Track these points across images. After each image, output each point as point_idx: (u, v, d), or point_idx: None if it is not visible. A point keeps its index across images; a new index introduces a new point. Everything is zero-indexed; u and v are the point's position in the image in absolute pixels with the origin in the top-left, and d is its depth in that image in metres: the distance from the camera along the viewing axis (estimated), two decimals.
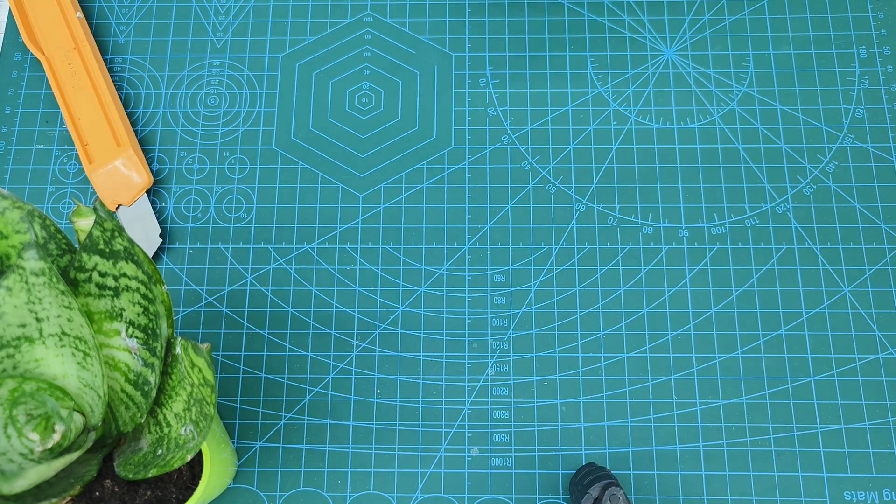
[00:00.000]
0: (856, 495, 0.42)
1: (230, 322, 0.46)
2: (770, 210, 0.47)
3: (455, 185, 0.48)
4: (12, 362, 0.29)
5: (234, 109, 0.50)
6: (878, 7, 0.51)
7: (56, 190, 0.49)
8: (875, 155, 0.48)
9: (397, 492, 0.42)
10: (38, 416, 0.29)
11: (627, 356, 0.44)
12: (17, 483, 0.28)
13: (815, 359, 0.44)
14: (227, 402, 0.44)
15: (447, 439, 0.43)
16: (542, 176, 0.48)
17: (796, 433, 0.43)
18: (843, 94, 0.49)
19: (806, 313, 0.45)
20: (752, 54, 0.50)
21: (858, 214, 0.47)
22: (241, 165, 0.49)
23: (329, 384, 0.44)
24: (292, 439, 0.44)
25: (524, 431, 0.43)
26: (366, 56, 0.51)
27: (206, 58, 0.51)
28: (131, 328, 0.31)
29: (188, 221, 0.48)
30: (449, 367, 0.45)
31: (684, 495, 0.42)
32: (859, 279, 0.45)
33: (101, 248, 0.30)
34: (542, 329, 0.45)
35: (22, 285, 0.27)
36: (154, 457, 0.31)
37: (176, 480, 0.36)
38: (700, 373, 0.44)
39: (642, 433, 0.43)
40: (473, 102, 0.50)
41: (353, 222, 0.47)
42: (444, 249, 0.47)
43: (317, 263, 0.47)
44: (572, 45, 0.51)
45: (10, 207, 0.30)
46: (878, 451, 0.42)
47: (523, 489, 0.42)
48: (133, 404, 0.32)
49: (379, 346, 0.45)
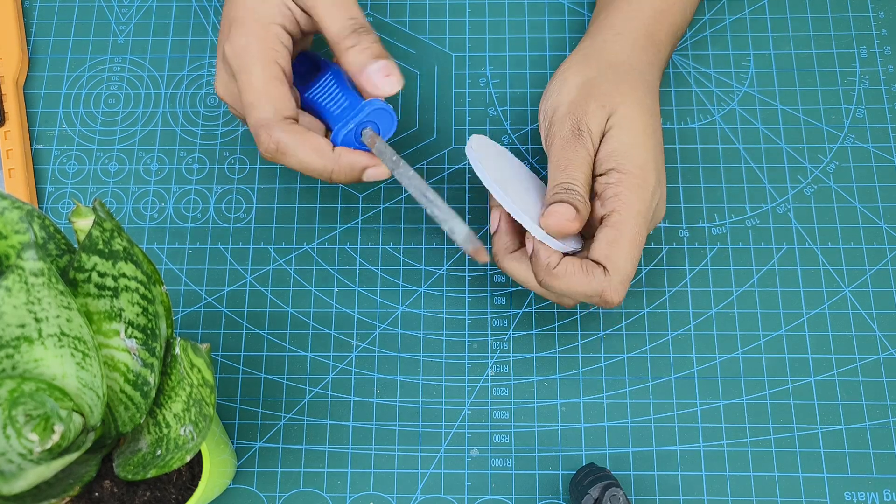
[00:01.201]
0: (856, 496, 0.42)
1: (230, 322, 0.46)
2: (770, 210, 0.47)
3: (455, 185, 0.48)
4: (11, 362, 0.29)
5: None
6: (879, 7, 0.51)
7: (56, 190, 0.49)
8: (875, 155, 0.48)
9: (397, 492, 0.42)
10: (37, 416, 0.29)
11: (627, 356, 0.44)
12: (17, 483, 0.28)
13: (815, 359, 0.44)
14: (227, 402, 0.44)
15: (447, 440, 0.43)
16: (541, 176, 0.48)
17: (797, 433, 0.43)
18: (843, 93, 0.49)
19: (806, 313, 0.45)
20: (753, 54, 0.50)
21: (859, 214, 0.47)
22: (240, 165, 0.49)
23: (329, 384, 0.44)
24: (292, 440, 0.43)
25: (524, 432, 0.43)
26: None
27: (205, 58, 0.51)
28: (130, 328, 0.31)
29: (188, 221, 0.48)
30: (449, 367, 0.44)
31: (684, 496, 0.42)
32: (860, 279, 0.45)
33: (101, 249, 0.30)
34: (542, 329, 0.45)
35: (21, 285, 0.27)
36: (153, 457, 0.31)
37: (175, 481, 0.36)
38: (700, 373, 0.44)
39: (642, 434, 0.43)
40: (473, 102, 0.50)
41: (353, 222, 0.47)
42: (444, 249, 0.47)
43: (317, 263, 0.47)
44: (572, 44, 0.51)
45: (10, 207, 0.30)
46: (879, 451, 0.42)
47: (523, 490, 0.42)
48: (132, 405, 0.32)
49: (379, 347, 0.45)
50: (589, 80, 0.40)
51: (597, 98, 0.39)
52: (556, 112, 0.40)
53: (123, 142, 0.49)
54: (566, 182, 0.37)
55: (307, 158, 0.38)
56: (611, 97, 0.39)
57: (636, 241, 0.37)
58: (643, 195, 0.37)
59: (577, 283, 0.37)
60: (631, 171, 0.37)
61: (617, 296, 0.37)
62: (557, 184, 0.37)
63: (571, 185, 0.37)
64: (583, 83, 0.40)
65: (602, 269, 0.37)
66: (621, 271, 0.37)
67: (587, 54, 0.42)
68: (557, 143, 0.39)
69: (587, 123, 0.38)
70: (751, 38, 0.51)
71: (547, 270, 0.37)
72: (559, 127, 0.39)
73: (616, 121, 0.39)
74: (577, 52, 0.43)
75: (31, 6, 0.53)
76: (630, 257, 0.37)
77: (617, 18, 0.43)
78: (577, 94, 0.40)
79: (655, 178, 0.38)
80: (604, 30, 0.43)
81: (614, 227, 0.37)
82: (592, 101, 0.39)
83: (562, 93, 0.40)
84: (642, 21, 0.43)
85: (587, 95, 0.39)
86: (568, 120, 0.39)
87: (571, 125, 0.39)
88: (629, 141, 0.38)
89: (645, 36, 0.43)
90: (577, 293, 0.37)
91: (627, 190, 0.37)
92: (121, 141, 0.49)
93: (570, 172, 0.37)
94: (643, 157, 0.38)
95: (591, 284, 0.36)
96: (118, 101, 0.50)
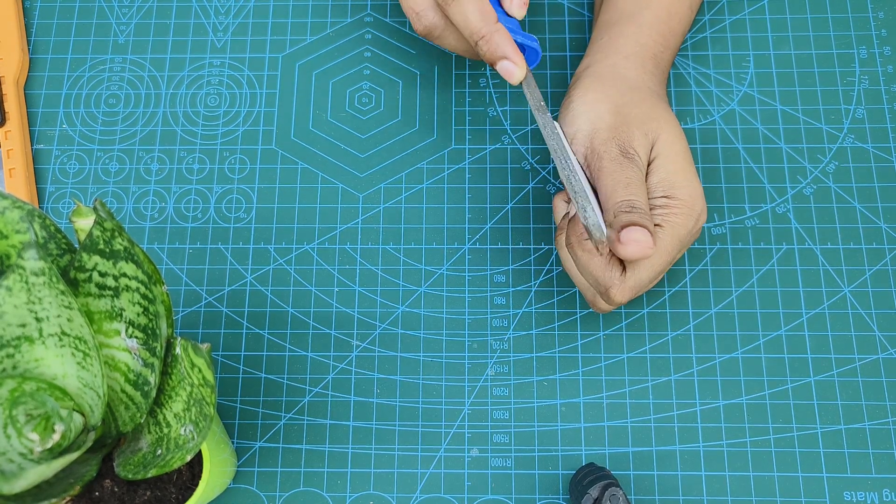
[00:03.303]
0: (855, 496, 0.42)
1: (230, 322, 0.46)
2: (770, 210, 0.47)
3: (455, 185, 0.48)
4: (12, 362, 0.29)
5: (234, 109, 0.50)
6: (879, 7, 0.51)
7: (56, 190, 0.49)
8: (875, 155, 0.48)
9: (397, 492, 0.42)
10: (37, 416, 0.29)
11: (627, 356, 0.44)
12: (17, 483, 0.28)
13: (815, 359, 0.44)
14: (227, 402, 0.44)
15: (447, 440, 0.43)
16: (542, 176, 0.48)
17: (796, 433, 0.43)
18: (843, 94, 0.49)
19: (806, 313, 0.45)
20: (753, 54, 0.50)
21: (858, 214, 0.47)
22: (241, 165, 0.49)
23: (329, 384, 0.44)
24: (292, 439, 0.44)
25: (524, 432, 0.43)
26: (366, 56, 0.51)
27: (206, 58, 0.51)
28: (131, 328, 0.31)
29: (188, 221, 0.48)
30: (449, 367, 0.45)
31: (684, 496, 0.42)
32: (859, 279, 0.45)
33: (101, 248, 0.30)
34: (542, 329, 0.45)
35: (22, 285, 0.27)
36: (154, 457, 0.31)
37: (175, 480, 0.36)
38: (700, 373, 0.44)
39: (642, 433, 0.43)
40: (473, 102, 0.50)
41: (353, 222, 0.47)
42: (444, 249, 0.47)
43: (317, 263, 0.47)
44: (572, 44, 0.51)
45: (10, 207, 0.30)
46: (878, 451, 0.42)
47: (523, 489, 0.42)
48: (133, 404, 0.32)
49: (379, 347, 0.45)
50: (619, 104, 0.40)
51: (636, 125, 0.39)
52: (595, 136, 0.39)
53: (124, 142, 0.49)
54: (631, 199, 0.37)
55: (471, 14, 0.40)
56: (649, 124, 0.40)
57: (665, 259, 0.38)
58: (688, 223, 0.38)
59: (595, 265, 0.38)
60: (683, 199, 0.39)
61: (621, 298, 0.38)
62: (623, 200, 0.37)
63: (636, 202, 0.37)
64: (615, 108, 0.40)
65: (621, 270, 0.38)
66: (637, 279, 0.38)
67: (601, 76, 0.42)
68: (609, 162, 0.38)
69: (634, 148, 0.39)
70: (750, 39, 0.51)
71: (579, 240, 0.38)
72: (605, 148, 0.39)
73: (660, 149, 0.39)
74: (588, 74, 0.43)
75: (32, 6, 0.53)
76: (652, 272, 0.38)
77: (623, 43, 0.43)
78: (614, 120, 0.40)
79: (701, 207, 0.39)
80: (611, 54, 0.43)
81: None
82: (633, 127, 0.39)
83: (595, 118, 0.40)
84: (649, 46, 0.43)
85: (625, 122, 0.39)
86: (613, 143, 0.39)
87: (618, 148, 0.39)
88: (675, 169, 0.39)
89: (652, 59, 0.43)
90: (590, 274, 0.38)
91: (676, 216, 0.38)
92: (121, 141, 0.49)
93: (632, 190, 0.37)
94: (692, 186, 0.39)
95: (605, 275, 0.38)
96: (119, 101, 0.50)
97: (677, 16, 0.45)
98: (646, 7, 0.44)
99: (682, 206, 0.38)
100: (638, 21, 0.44)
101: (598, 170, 0.39)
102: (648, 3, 0.44)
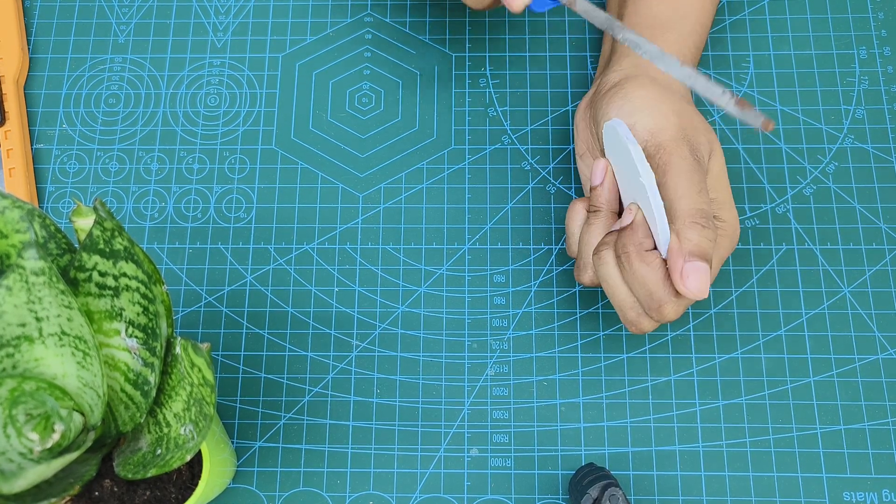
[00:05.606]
0: (855, 496, 0.42)
1: (230, 322, 0.46)
2: (770, 210, 0.47)
3: (455, 185, 0.48)
4: (12, 362, 0.29)
5: (234, 109, 0.50)
6: (879, 8, 0.51)
7: (56, 190, 0.49)
8: (875, 155, 0.48)
9: (397, 492, 0.42)
10: (37, 415, 0.29)
11: (627, 356, 0.44)
12: (17, 483, 0.28)
13: (814, 359, 0.44)
14: (227, 402, 0.44)
15: (447, 439, 0.43)
16: (542, 176, 0.48)
17: (796, 434, 0.43)
18: (843, 94, 0.49)
19: (806, 314, 0.45)
20: (752, 55, 0.50)
21: (858, 215, 0.47)
22: (241, 165, 0.49)
23: (329, 384, 0.44)
24: (292, 439, 0.44)
25: (524, 432, 0.43)
26: (366, 56, 0.51)
27: (206, 58, 0.51)
28: (131, 328, 0.31)
29: (188, 221, 0.48)
30: (448, 367, 0.45)
31: (684, 496, 0.42)
32: (859, 280, 0.45)
33: (101, 248, 0.30)
34: (542, 329, 0.45)
35: (22, 285, 0.27)
36: (153, 457, 0.31)
37: (175, 480, 0.36)
38: (699, 373, 0.44)
39: (642, 434, 0.43)
40: (473, 102, 0.50)
41: (353, 222, 0.48)
42: (444, 249, 0.47)
43: (317, 263, 0.47)
44: (572, 44, 0.51)
45: (10, 207, 0.30)
46: (878, 451, 0.42)
47: (523, 489, 0.42)
48: (133, 404, 0.32)
49: (379, 347, 0.45)
50: (678, 110, 0.38)
51: (700, 132, 0.38)
52: (660, 132, 0.37)
53: (124, 141, 0.49)
54: (704, 209, 0.36)
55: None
56: (708, 135, 0.39)
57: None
58: (731, 247, 0.38)
59: (653, 278, 0.36)
60: (729, 221, 0.38)
61: (674, 314, 0.36)
62: (700, 209, 0.36)
63: (708, 212, 0.36)
64: (676, 112, 0.38)
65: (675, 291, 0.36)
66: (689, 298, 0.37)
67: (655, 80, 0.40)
68: (680, 160, 0.36)
69: (701, 154, 0.37)
70: (750, 39, 0.51)
71: (639, 250, 0.36)
72: (676, 146, 0.37)
73: (712, 166, 0.38)
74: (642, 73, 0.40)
75: (32, 6, 0.53)
76: None
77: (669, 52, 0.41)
78: (679, 121, 0.38)
79: (739, 231, 0.39)
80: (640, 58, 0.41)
81: None
82: (700, 134, 0.38)
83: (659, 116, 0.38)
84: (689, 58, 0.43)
85: (691, 126, 0.38)
86: (685, 143, 0.37)
87: (690, 150, 0.37)
88: (723, 188, 0.39)
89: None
90: (644, 287, 0.36)
91: (722, 237, 0.38)
92: (121, 140, 0.49)
93: (704, 198, 0.36)
94: (734, 209, 0.39)
95: (661, 290, 0.36)
96: (118, 101, 0.50)
97: (706, 28, 0.44)
98: (683, 17, 0.43)
99: (727, 229, 0.38)
100: (678, 30, 0.43)
101: (666, 165, 0.36)
102: (686, 14, 0.43)
